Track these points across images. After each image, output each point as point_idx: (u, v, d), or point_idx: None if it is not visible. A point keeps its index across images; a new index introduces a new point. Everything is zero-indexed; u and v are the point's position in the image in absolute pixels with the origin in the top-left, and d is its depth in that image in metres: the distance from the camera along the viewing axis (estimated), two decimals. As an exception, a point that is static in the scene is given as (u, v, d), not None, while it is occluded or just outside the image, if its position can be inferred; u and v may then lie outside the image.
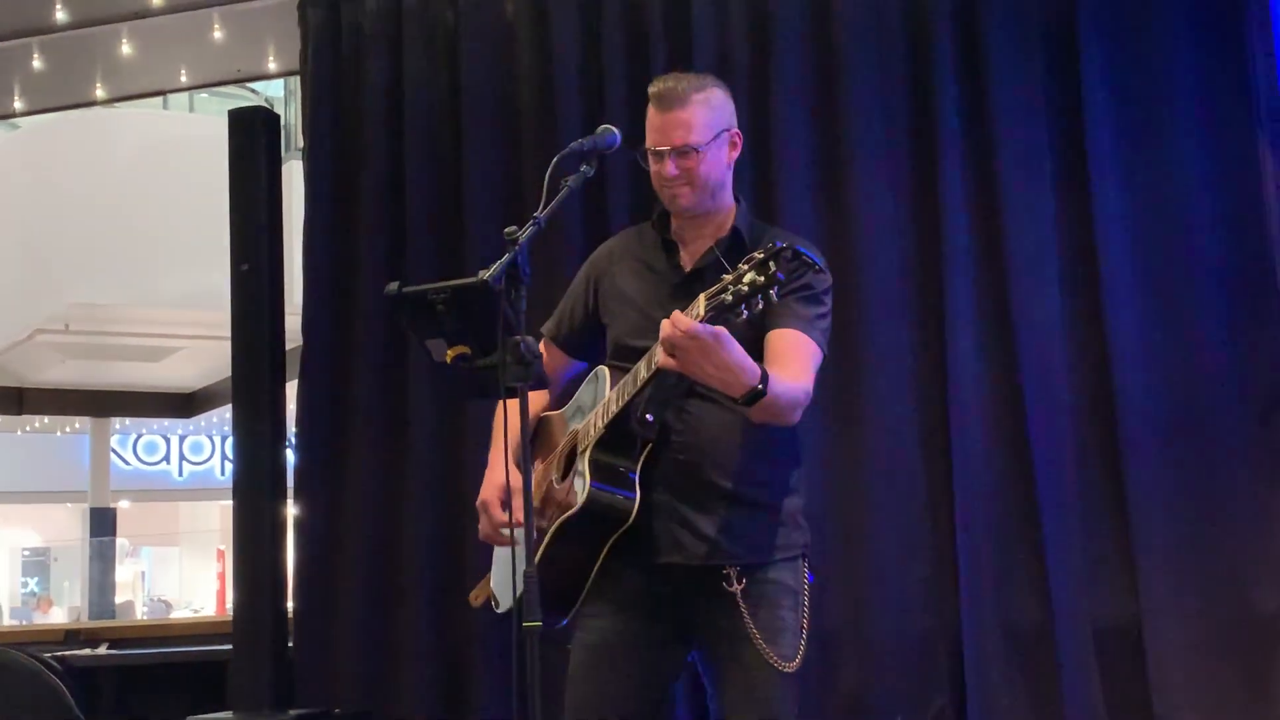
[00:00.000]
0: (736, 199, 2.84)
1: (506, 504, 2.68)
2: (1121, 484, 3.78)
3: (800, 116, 4.13)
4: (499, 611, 2.91)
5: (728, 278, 2.39)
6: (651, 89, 2.78)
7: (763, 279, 2.34)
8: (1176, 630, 3.68)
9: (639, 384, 2.56)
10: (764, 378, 2.48)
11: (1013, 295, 3.89)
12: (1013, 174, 3.94)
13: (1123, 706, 3.70)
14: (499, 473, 2.71)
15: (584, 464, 2.60)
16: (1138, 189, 3.87)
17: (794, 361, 2.64)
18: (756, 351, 2.59)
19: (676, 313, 2.41)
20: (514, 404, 2.39)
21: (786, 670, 2.63)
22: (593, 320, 2.92)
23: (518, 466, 2.58)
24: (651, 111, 2.76)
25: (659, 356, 2.47)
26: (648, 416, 2.62)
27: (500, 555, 2.92)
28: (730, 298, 2.36)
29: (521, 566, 2.33)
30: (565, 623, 2.70)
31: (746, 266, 2.37)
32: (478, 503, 2.78)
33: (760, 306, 2.37)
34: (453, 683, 4.31)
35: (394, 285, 2.46)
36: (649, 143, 2.75)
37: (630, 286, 2.84)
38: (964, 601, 3.83)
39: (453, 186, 4.52)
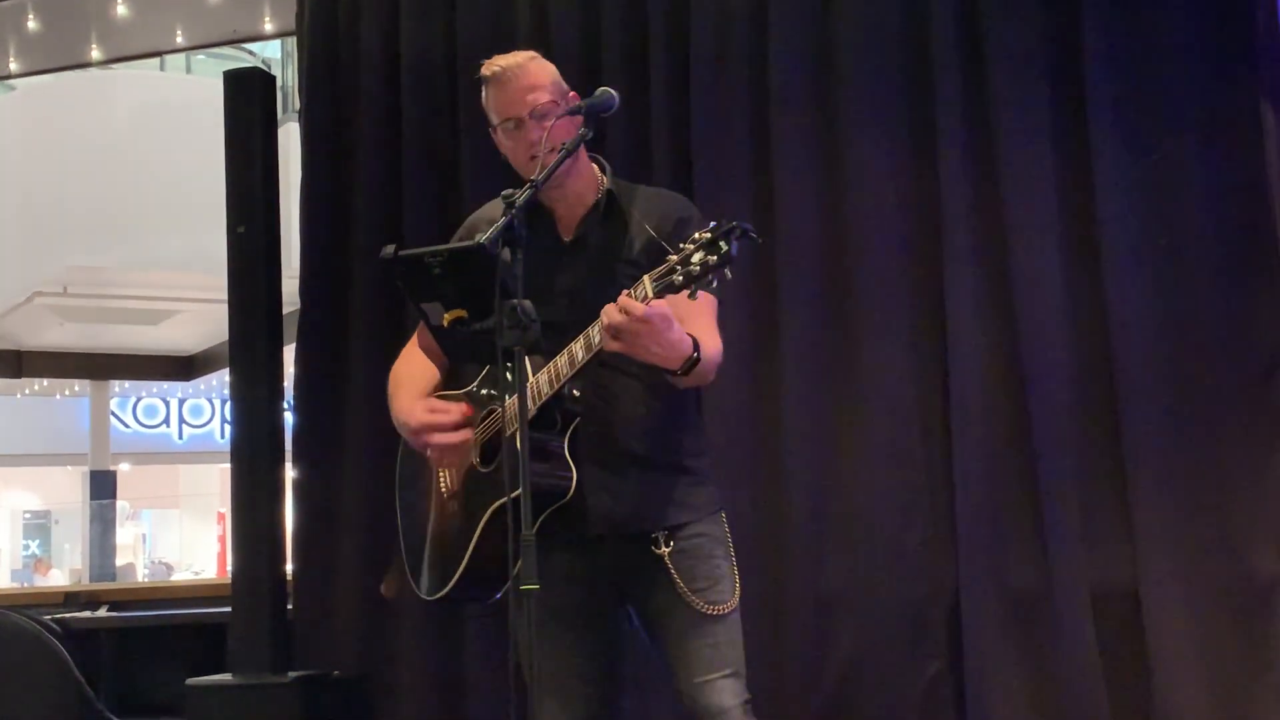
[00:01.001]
0: (600, 163, 2.86)
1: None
2: (1119, 448, 3.78)
3: (797, 76, 4.10)
4: (428, 596, 2.88)
5: (673, 258, 2.42)
6: (485, 71, 2.86)
7: (715, 259, 2.38)
8: (1174, 594, 3.68)
9: (576, 366, 2.58)
10: (696, 345, 2.54)
11: (1011, 262, 3.87)
12: (1012, 143, 3.91)
13: (1120, 671, 3.70)
14: (413, 401, 2.82)
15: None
16: (1138, 154, 3.85)
17: (701, 322, 2.66)
18: None
19: (624, 298, 2.44)
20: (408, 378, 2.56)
21: (723, 612, 2.72)
22: None
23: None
24: (492, 91, 2.84)
25: (598, 339, 2.50)
26: (574, 392, 2.65)
27: (414, 532, 2.93)
28: (680, 279, 2.40)
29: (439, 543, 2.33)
30: (498, 597, 2.72)
31: (693, 246, 2.40)
32: (411, 434, 2.78)
33: (714, 284, 2.41)
34: (451, 645, 4.32)
35: (390, 249, 2.45)
36: (498, 119, 2.83)
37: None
38: (961, 566, 3.83)
39: (450, 149, 4.50)
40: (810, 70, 4.11)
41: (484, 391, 2.80)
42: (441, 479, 2.84)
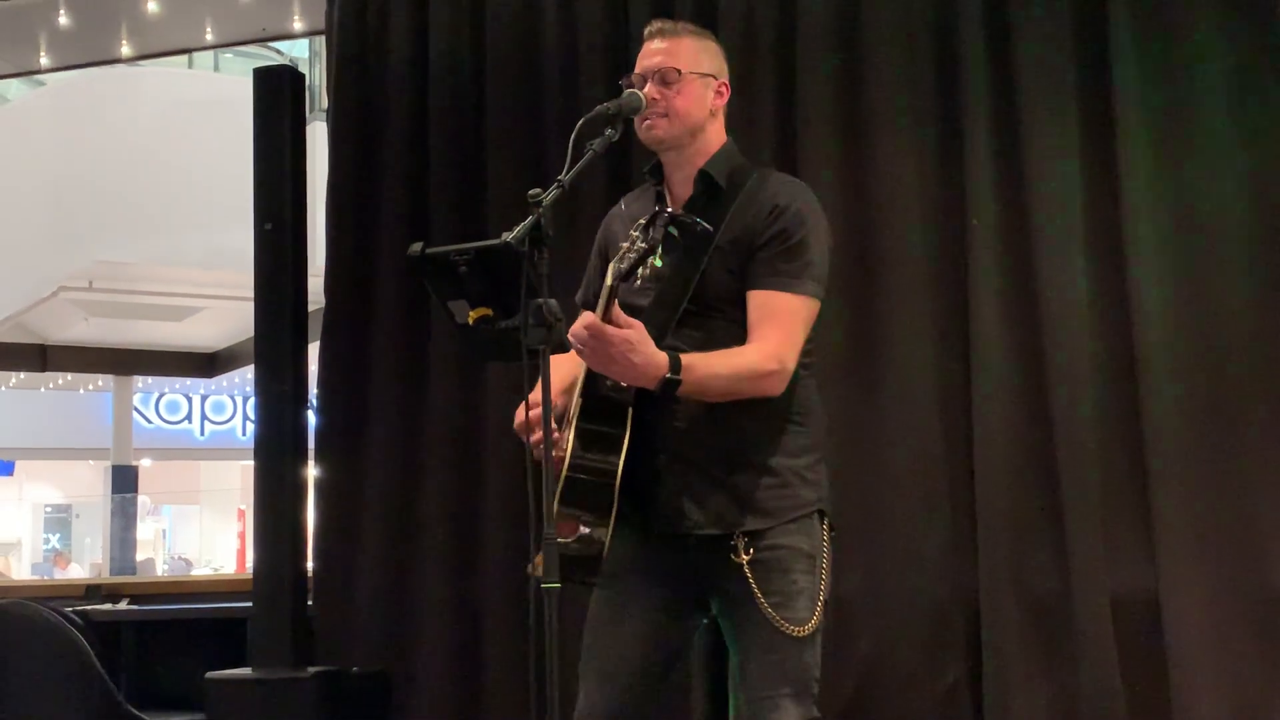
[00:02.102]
0: (724, 147, 2.80)
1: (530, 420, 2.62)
2: (1141, 455, 3.77)
3: (825, 79, 4.11)
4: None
5: (624, 245, 2.50)
6: (648, 27, 2.82)
7: (644, 244, 2.46)
8: (1195, 602, 3.67)
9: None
10: (674, 366, 2.47)
11: (1037, 265, 3.87)
12: (1038, 145, 3.91)
13: (1140, 678, 3.69)
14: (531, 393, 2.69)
15: (570, 434, 2.58)
16: (1165, 158, 3.84)
17: (765, 327, 2.61)
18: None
19: (585, 314, 2.48)
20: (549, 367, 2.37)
21: (800, 635, 2.59)
22: None
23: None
24: (645, 44, 2.79)
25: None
26: (608, 381, 2.58)
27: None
28: (625, 266, 2.47)
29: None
30: (596, 582, 2.64)
31: (635, 232, 2.50)
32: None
33: (649, 272, 2.53)
34: (470, 643, 4.33)
35: (417, 246, 2.46)
36: (637, 70, 2.75)
37: (625, 240, 2.81)
38: (981, 571, 3.83)
39: (476, 148, 4.51)
40: (837, 79, 4.11)
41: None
42: None
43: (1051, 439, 3.80)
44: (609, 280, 2.45)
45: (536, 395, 2.50)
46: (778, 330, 2.61)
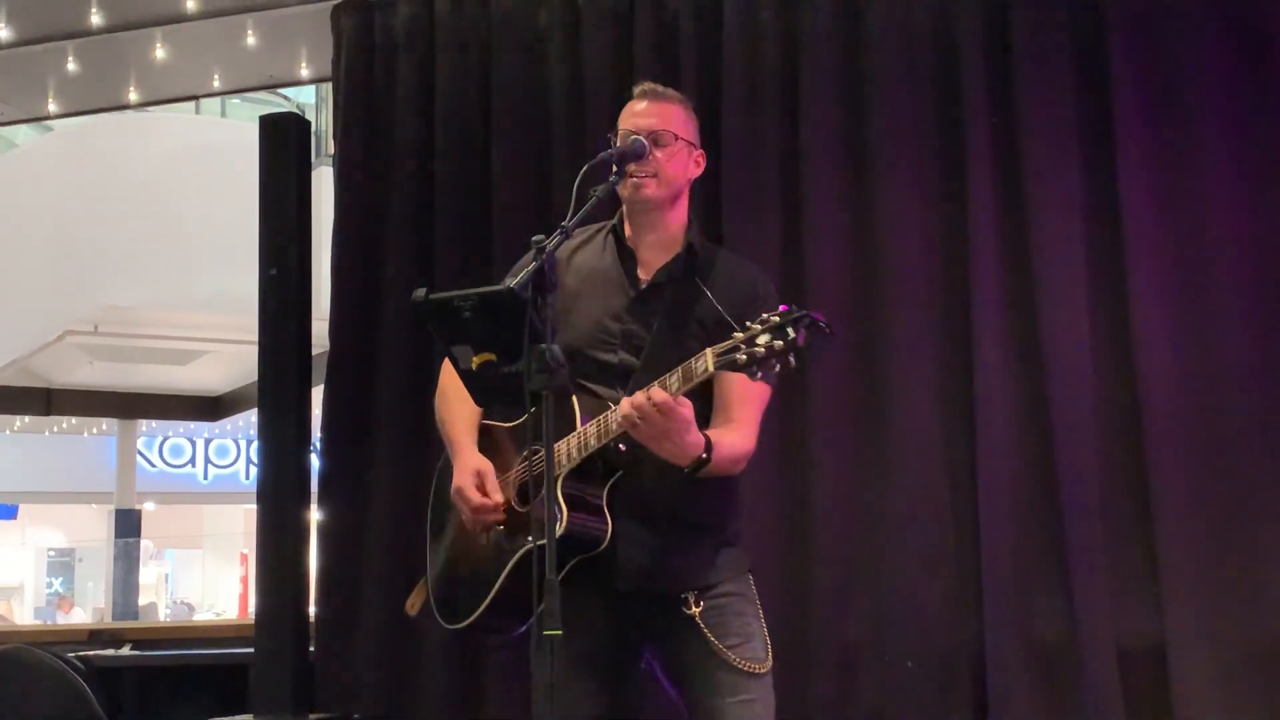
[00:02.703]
0: (690, 220, 2.89)
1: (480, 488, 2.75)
2: (1147, 502, 3.75)
3: (828, 130, 4.12)
4: (450, 625, 2.91)
5: (739, 336, 2.42)
6: (637, 87, 2.89)
7: (781, 344, 2.38)
8: (1202, 650, 3.64)
9: (611, 433, 2.62)
10: (708, 446, 2.57)
11: (1040, 308, 3.87)
12: (1041, 186, 3.92)
13: (1146, 727, 3.67)
14: (468, 460, 2.80)
15: (559, 493, 2.61)
16: (1167, 197, 3.85)
17: (745, 411, 2.72)
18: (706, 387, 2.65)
19: (656, 389, 2.50)
20: (455, 391, 2.51)
21: (760, 671, 2.73)
22: None
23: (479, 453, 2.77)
24: (632, 103, 2.85)
25: (620, 414, 2.55)
26: (621, 446, 2.66)
27: (442, 558, 2.96)
28: (743, 358, 2.41)
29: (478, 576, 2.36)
30: (521, 631, 2.74)
31: (760, 328, 2.41)
32: (452, 493, 2.81)
33: (778, 369, 2.40)
34: (472, 691, 4.31)
35: (421, 291, 2.47)
36: (624, 126, 2.80)
37: (583, 294, 2.85)
38: (987, 618, 3.81)
39: (482, 194, 4.53)
40: (840, 122, 4.13)
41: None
42: None
43: (1056, 487, 3.79)
44: (709, 366, 2.46)
45: (488, 479, 2.69)
46: (753, 416, 2.76)
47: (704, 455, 2.57)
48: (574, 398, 2.71)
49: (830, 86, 4.15)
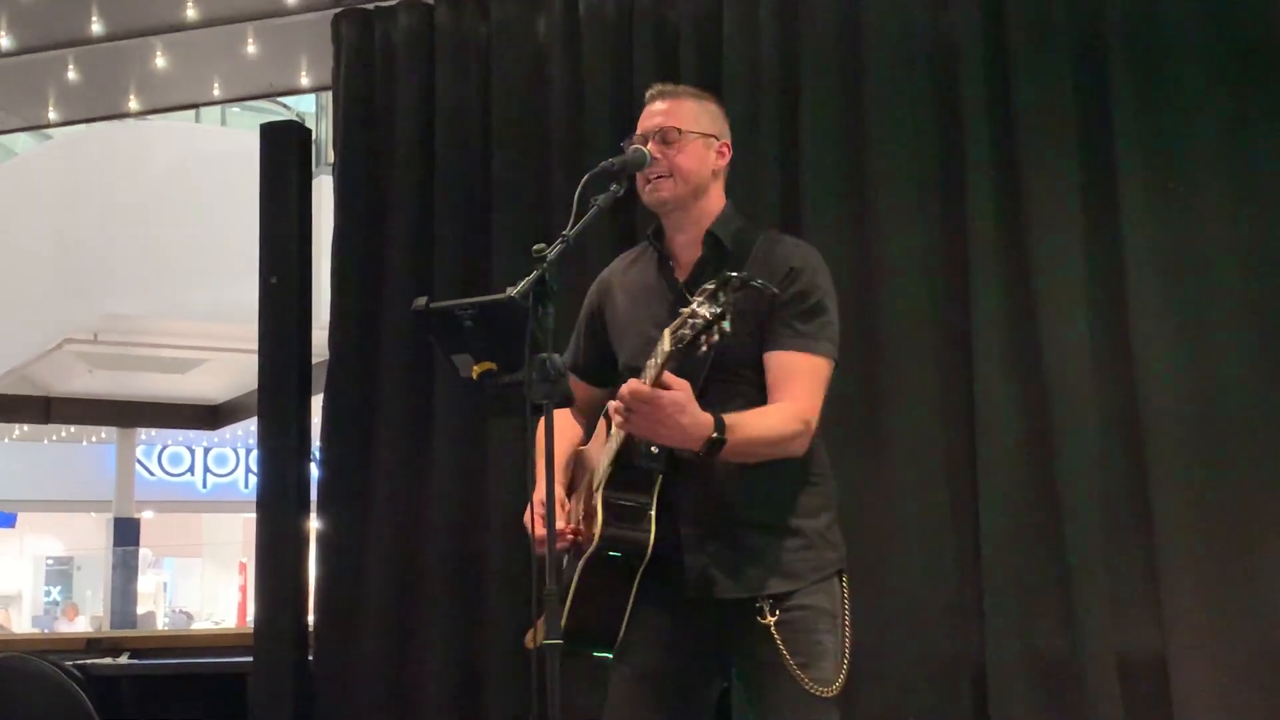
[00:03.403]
0: (728, 210, 2.83)
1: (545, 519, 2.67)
2: (1147, 515, 3.75)
3: (828, 140, 4.13)
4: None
5: (685, 311, 2.38)
6: (649, 90, 2.87)
7: (716, 309, 2.33)
8: (1202, 660, 3.64)
9: (621, 434, 2.57)
10: (720, 427, 2.47)
11: (1040, 319, 3.87)
12: (1040, 197, 3.92)
13: (1147, 739, 3.67)
14: (533, 493, 2.69)
15: (598, 503, 2.59)
16: (1166, 209, 3.85)
17: (789, 387, 2.63)
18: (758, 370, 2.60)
19: (632, 382, 2.43)
20: (560, 429, 2.39)
21: (827, 695, 2.61)
22: (603, 346, 2.90)
23: (562, 484, 2.65)
24: (646, 106, 2.84)
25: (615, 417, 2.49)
26: (653, 449, 2.60)
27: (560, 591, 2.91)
28: (689, 332, 2.36)
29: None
30: (610, 655, 2.66)
31: (701, 298, 2.35)
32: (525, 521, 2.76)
33: (717, 338, 2.35)
34: (472, 700, 4.30)
35: (421, 301, 2.47)
36: (639, 130, 2.79)
37: (630, 309, 2.83)
38: (988, 631, 3.80)
39: (482, 203, 4.53)
40: (840, 142, 4.13)
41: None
42: None
43: (1057, 499, 3.79)
44: (666, 346, 2.40)
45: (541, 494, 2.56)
46: (802, 391, 2.63)
47: (714, 435, 2.47)
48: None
49: (829, 94, 4.15)
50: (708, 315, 2.33)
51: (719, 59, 4.26)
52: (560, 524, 2.65)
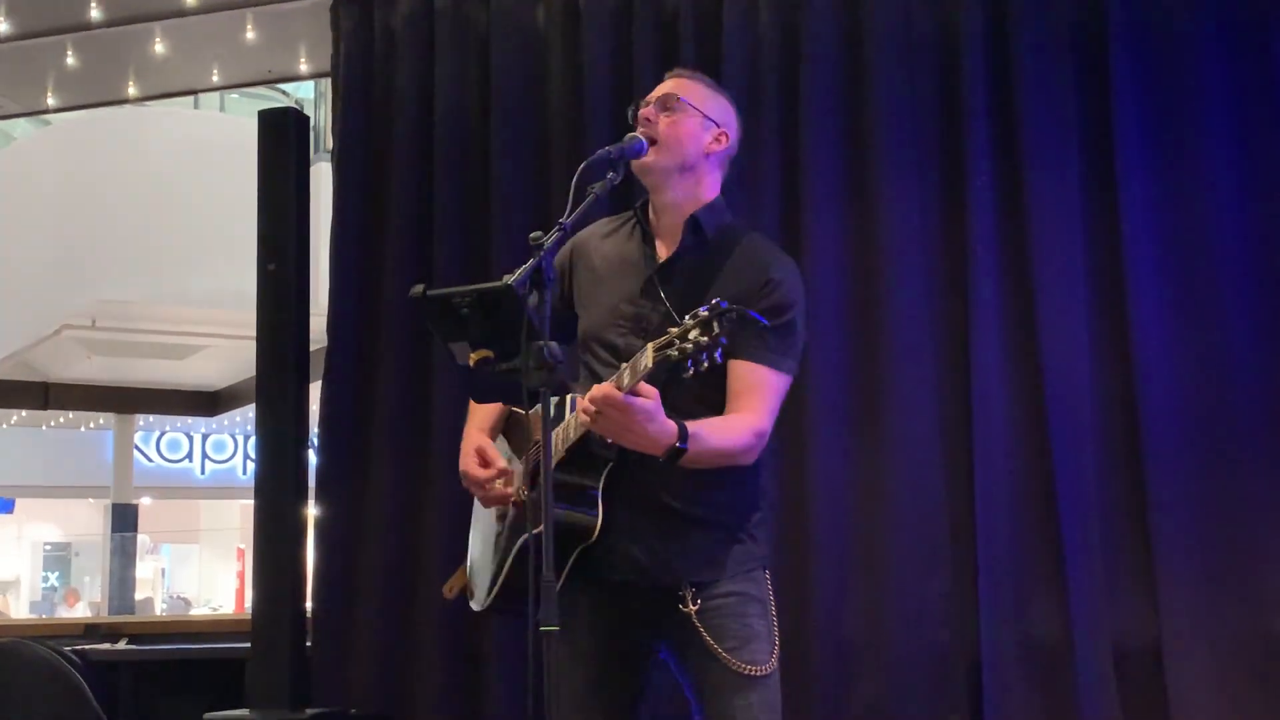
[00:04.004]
0: (718, 202, 2.84)
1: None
2: (1144, 503, 3.76)
3: (829, 130, 4.13)
4: (475, 607, 2.91)
5: (674, 331, 2.38)
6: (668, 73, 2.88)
7: (706, 339, 2.33)
8: (1198, 651, 3.65)
9: (567, 445, 2.61)
10: (683, 436, 2.50)
11: (1039, 309, 3.88)
12: (1040, 186, 3.93)
13: (1141, 727, 3.68)
14: (469, 441, 2.84)
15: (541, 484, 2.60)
16: (1166, 198, 3.86)
17: (750, 399, 2.66)
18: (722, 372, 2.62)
19: (606, 387, 2.45)
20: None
21: (759, 674, 2.65)
22: (565, 307, 2.89)
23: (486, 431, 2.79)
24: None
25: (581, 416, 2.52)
26: (608, 440, 2.61)
27: (476, 543, 2.94)
28: (676, 354, 2.36)
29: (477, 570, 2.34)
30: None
31: (692, 322, 2.36)
32: (460, 473, 2.83)
33: (705, 366, 2.36)
34: (470, 686, 4.31)
35: (419, 288, 2.47)
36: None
37: (603, 277, 2.84)
38: (983, 617, 3.82)
39: (481, 191, 4.53)
40: (840, 121, 4.14)
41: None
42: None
43: (1052, 486, 3.80)
44: (649, 363, 2.40)
45: (488, 451, 2.73)
46: (763, 405, 2.68)
47: (678, 444, 2.50)
48: (575, 387, 2.70)
49: (829, 85, 4.15)
50: (699, 343, 2.34)
51: (719, 47, 4.26)
52: (500, 465, 2.76)
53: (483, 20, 4.61)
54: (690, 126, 2.77)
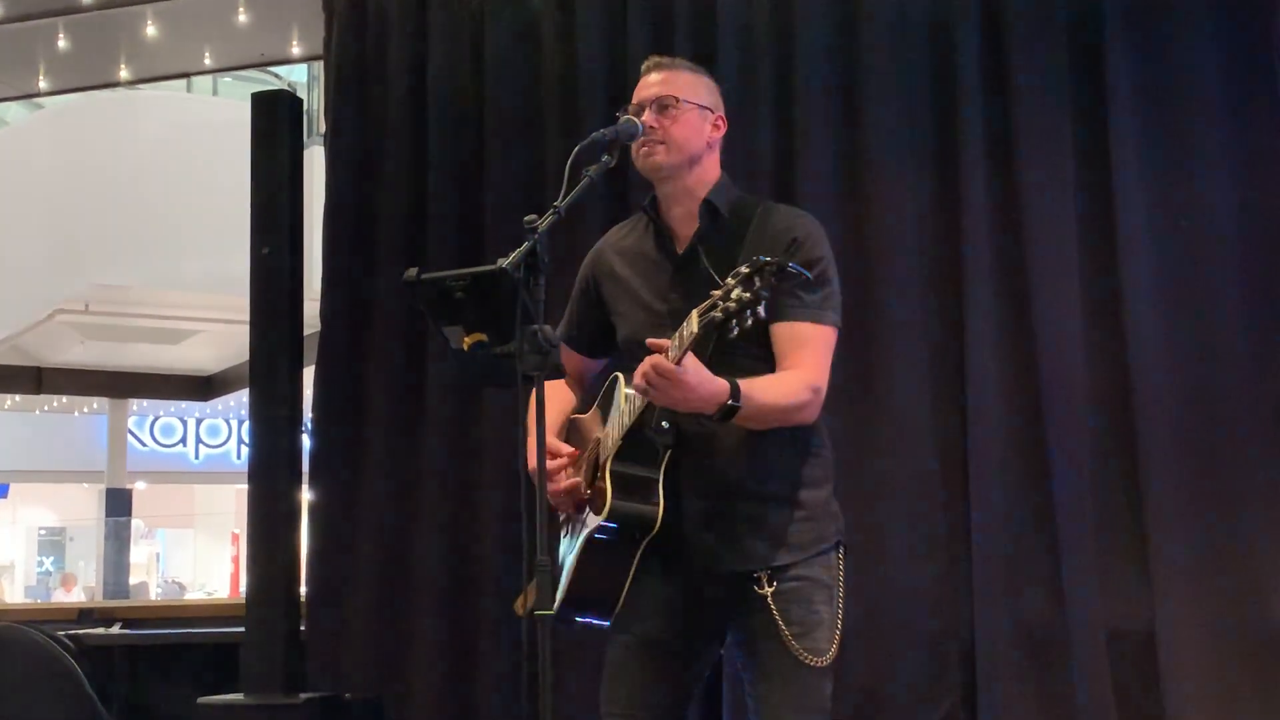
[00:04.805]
0: (722, 180, 2.82)
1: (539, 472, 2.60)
2: (1137, 489, 3.77)
3: (823, 120, 4.12)
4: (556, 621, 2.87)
5: (717, 293, 2.38)
6: (645, 63, 2.86)
7: (749, 295, 2.33)
8: (1190, 636, 3.66)
9: (639, 409, 2.57)
10: (734, 393, 2.48)
11: (1033, 299, 3.87)
12: (1035, 178, 3.92)
13: (1135, 712, 3.68)
14: (531, 443, 2.66)
15: (605, 477, 2.58)
16: (1161, 192, 3.85)
17: (798, 356, 2.63)
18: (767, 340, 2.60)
19: (657, 358, 2.42)
20: (546, 389, 2.40)
21: (819, 665, 2.63)
22: (599, 318, 2.89)
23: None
24: (642, 78, 2.82)
25: (638, 401, 2.51)
26: (664, 424, 2.60)
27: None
28: (720, 315, 2.35)
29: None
30: (608, 624, 2.66)
31: (734, 281, 2.35)
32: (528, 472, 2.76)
33: (749, 322, 2.35)
34: (463, 670, 4.32)
35: (413, 271, 2.46)
36: (634, 101, 2.78)
37: (630, 281, 2.83)
38: (977, 602, 3.82)
39: (474, 174, 4.52)
40: (834, 114, 4.13)
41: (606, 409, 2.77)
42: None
43: (1047, 473, 3.80)
44: (694, 328, 2.39)
45: (554, 444, 2.62)
46: (811, 359, 2.65)
47: (729, 401, 2.48)
48: (621, 380, 2.67)
49: (825, 69, 4.14)
50: (742, 299, 2.33)
51: (713, 32, 4.24)
52: (566, 480, 2.68)
53: (476, 3, 4.60)
54: (692, 122, 2.77)
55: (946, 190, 4.02)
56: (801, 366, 2.63)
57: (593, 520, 2.59)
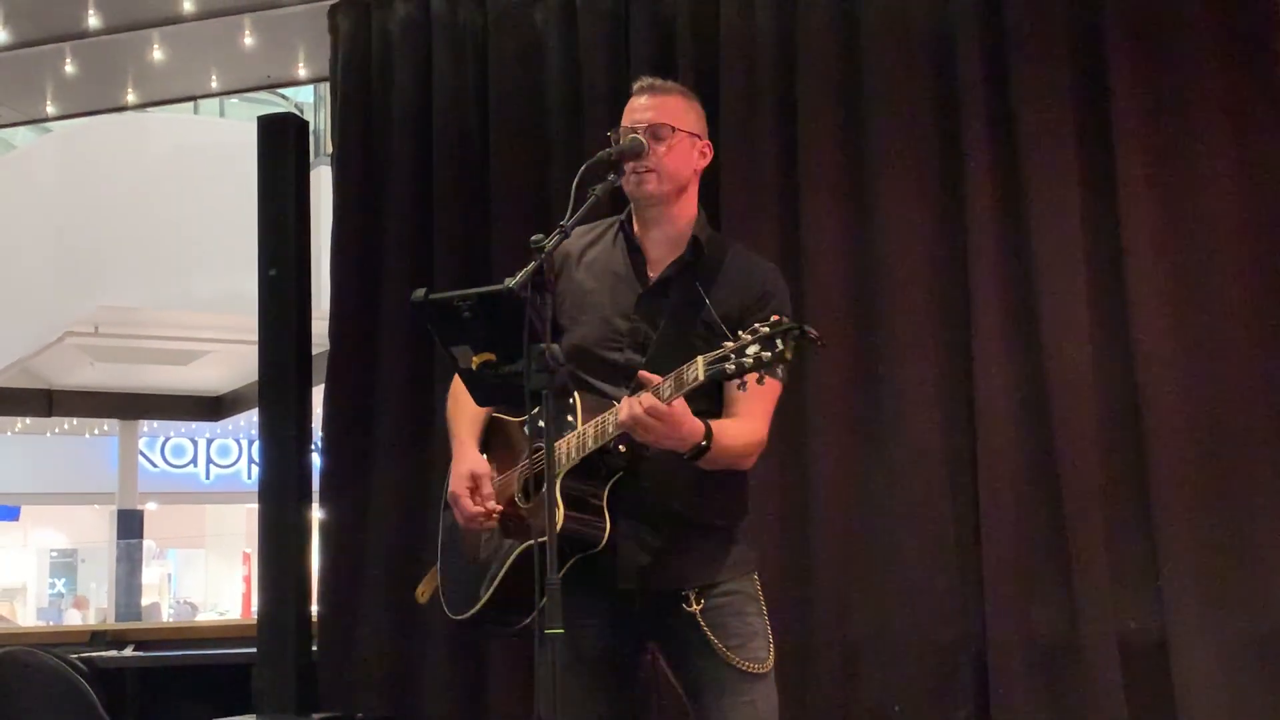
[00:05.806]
0: (700, 214, 2.87)
1: (475, 492, 2.74)
2: (1147, 497, 3.75)
3: (826, 128, 4.12)
4: (452, 616, 2.90)
5: (730, 346, 2.44)
6: (637, 83, 2.86)
7: (768, 354, 2.40)
8: (1203, 645, 3.65)
9: (608, 435, 2.61)
10: (708, 435, 2.56)
11: (1040, 307, 3.87)
12: (1039, 185, 3.92)
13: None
14: (465, 462, 2.79)
15: (557, 491, 2.59)
16: (1165, 197, 3.84)
17: (752, 408, 2.70)
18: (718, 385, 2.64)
19: (650, 398, 2.49)
20: (463, 390, 2.49)
21: (761, 672, 2.72)
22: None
23: (480, 454, 2.77)
24: (633, 98, 2.84)
25: (613, 429, 2.57)
26: (620, 447, 2.65)
27: (454, 551, 2.94)
28: (732, 368, 2.42)
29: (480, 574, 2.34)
30: (520, 626, 2.72)
31: (751, 338, 2.42)
32: (448, 495, 2.81)
33: (760, 380, 2.43)
34: (475, 689, 4.31)
35: (420, 292, 2.47)
36: (625, 123, 2.79)
37: (596, 294, 2.84)
38: (988, 613, 3.81)
39: (480, 194, 4.53)
40: (838, 122, 4.13)
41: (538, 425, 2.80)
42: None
43: (1057, 483, 3.79)
44: (700, 375, 2.44)
45: (483, 485, 2.69)
46: (763, 412, 2.74)
47: (703, 443, 2.56)
48: (576, 395, 2.70)
49: (827, 81, 4.14)
50: (760, 358, 2.40)
51: (716, 47, 4.26)
52: (490, 502, 2.74)
53: (480, 23, 4.61)
54: (684, 152, 2.81)
55: (952, 207, 4.01)
56: (752, 418, 2.71)
57: (534, 532, 2.59)
